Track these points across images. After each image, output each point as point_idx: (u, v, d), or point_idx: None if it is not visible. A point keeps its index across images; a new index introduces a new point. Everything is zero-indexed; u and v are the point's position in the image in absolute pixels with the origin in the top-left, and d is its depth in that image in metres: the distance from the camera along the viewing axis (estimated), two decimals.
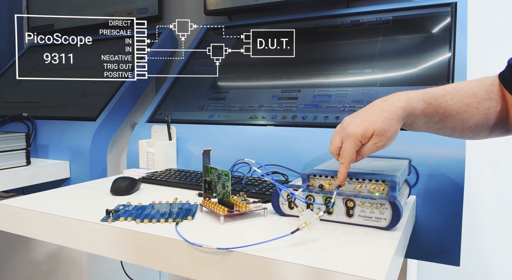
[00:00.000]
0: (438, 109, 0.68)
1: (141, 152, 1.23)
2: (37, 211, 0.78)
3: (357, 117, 0.66)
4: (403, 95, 0.67)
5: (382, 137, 0.63)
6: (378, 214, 0.67)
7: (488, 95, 0.70)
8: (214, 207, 0.74)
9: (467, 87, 0.71)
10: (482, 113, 0.70)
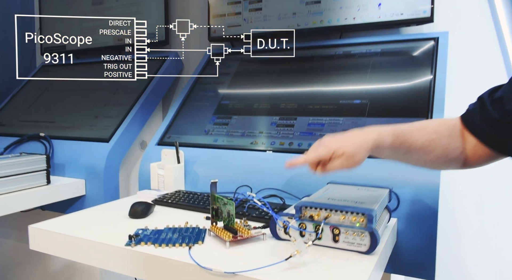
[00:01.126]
0: (404, 143, 0.80)
1: (152, 174, 1.36)
2: (70, 235, 0.91)
3: (335, 139, 0.79)
4: (377, 129, 0.79)
5: (350, 160, 0.75)
6: (359, 240, 0.80)
7: (449, 133, 0.82)
8: (221, 233, 0.87)
9: (431, 126, 0.83)
10: (443, 149, 0.81)
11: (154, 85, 1.79)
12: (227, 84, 1.62)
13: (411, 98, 1.24)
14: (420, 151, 0.80)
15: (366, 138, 0.76)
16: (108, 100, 1.84)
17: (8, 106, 2.13)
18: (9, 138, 1.84)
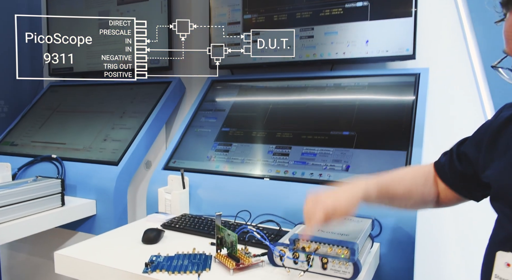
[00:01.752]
0: (387, 194, 0.94)
1: (160, 198, 1.49)
2: (93, 262, 1.04)
3: (327, 194, 0.90)
4: (363, 185, 0.91)
5: (342, 213, 0.87)
6: (344, 268, 0.93)
7: (424, 181, 0.97)
8: (225, 260, 1.00)
9: (409, 176, 0.97)
10: (420, 195, 0.96)
11: (159, 110, 1.92)
12: (227, 111, 1.76)
13: (393, 131, 1.38)
14: (401, 199, 0.95)
15: (356, 195, 0.88)
16: (115, 123, 1.97)
17: (19, 126, 2.25)
18: (22, 158, 1.96)
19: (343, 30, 1.63)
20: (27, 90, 2.53)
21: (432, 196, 0.97)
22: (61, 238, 1.87)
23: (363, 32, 1.60)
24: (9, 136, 2.21)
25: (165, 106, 1.97)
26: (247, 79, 1.87)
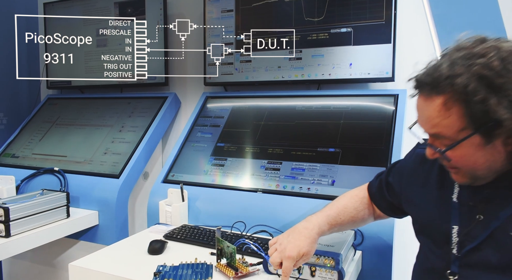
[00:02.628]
0: (335, 225, 1.07)
1: (161, 210, 1.61)
2: (105, 272, 1.16)
3: (290, 241, 0.97)
4: (316, 223, 1.01)
5: (308, 255, 0.97)
6: (330, 275, 1.07)
7: (363, 206, 1.13)
8: (225, 269, 1.13)
9: (350, 204, 1.11)
10: (361, 218, 1.12)
11: (156, 124, 2.04)
12: (221, 127, 1.88)
13: (374, 149, 1.53)
14: (347, 225, 1.11)
15: (313, 236, 0.99)
16: (114, 137, 2.07)
17: (19, 138, 2.33)
18: (23, 170, 2.06)
19: (329, 53, 1.77)
20: (25, 102, 2.61)
21: (371, 215, 1.15)
22: (63, 246, 1.97)
23: (347, 55, 1.74)
24: (9, 148, 2.29)
25: (162, 120, 2.09)
26: (240, 96, 2.00)
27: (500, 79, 0.68)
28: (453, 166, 0.80)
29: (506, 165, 0.76)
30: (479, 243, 0.78)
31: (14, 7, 2.53)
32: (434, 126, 0.76)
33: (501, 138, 0.72)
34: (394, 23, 1.66)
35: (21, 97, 2.59)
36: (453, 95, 0.71)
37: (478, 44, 0.73)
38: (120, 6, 2.26)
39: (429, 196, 0.91)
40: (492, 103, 0.68)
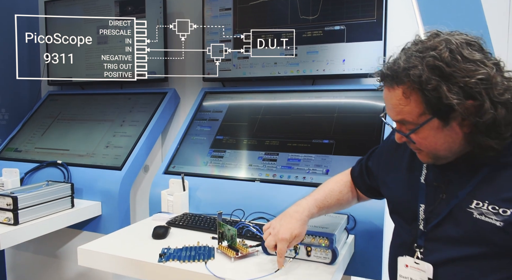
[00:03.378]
0: (323, 208, 1.15)
1: (163, 199, 1.68)
2: (113, 254, 1.23)
3: (282, 225, 1.05)
4: (306, 206, 1.10)
5: (300, 236, 1.05)
6: (324, 255, 1.15)
7: (348, 189, 1.21)
8: (226, 251, 1.21)
9: (336, 187, 1.20)
10: (346, 201, 1.21)
11: (157, 118, 2.11)
12: (220, 121, 1.96)
13: (366, 140, 1.61)
14: (334, 207, 1.19)
15: (302, 216, 1.07)
16: (116, 131, 2.14)
17: (21, 133, 2.39)
18: (27, 163, 2.11)
19: (323, 50, 1.86)
20: (27, 98, 2.66)
21: (354, 198, 1.24)
22: (66, 237, 2.03)
23: (340, 52, 1.83)
24: (12, 142, 2.34)
25: (162, 115, 2.15)
26: (237, 91, 2.08)
27: (450, 68, 0.77)
28: (417, 148, 0.89)
29: (464, 146, 0.84)
30: (441, 219, 0.87)
31: (15, 5, 2.58)
32: (398, 113, 0.86)
33: (457, 121, 0.81)
34: (385, 22, 1.75)
35: (23, 93, 2.65)
36: (410, 85, 0.80)
37: (432, 38, 0.82)
38: (120, 5, 2.33)
39: (401, 179, 1.00)
40: (444, 90, 0.76)
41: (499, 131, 0.79)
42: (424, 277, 0.87)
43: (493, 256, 0.81)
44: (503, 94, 0.78)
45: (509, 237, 0.79)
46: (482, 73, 0.76)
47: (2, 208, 1.53)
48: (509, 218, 0.79)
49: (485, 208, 0.81)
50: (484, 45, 0.83)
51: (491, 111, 0.77)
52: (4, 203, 1.53)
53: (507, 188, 0.81)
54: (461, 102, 0.77)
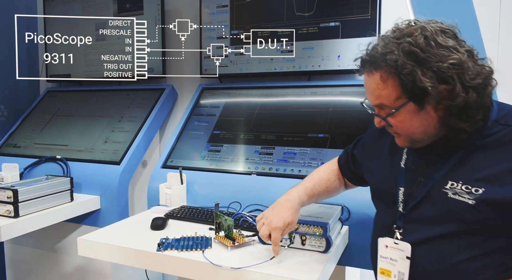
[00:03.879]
0: (313, 196, 1.18)
1: (161, 193, 1.70)
2: (113, 244, 1.26)
3: (274, 214, 1.08)
4: (296, 195, 1.13)
5: (293, 224, 1.08)
6: (319, 243, 1.19)
7: (335, 177, 1.25)
8: (223, 240, 1.24)
9: (324, 176, 1.23)
10: (334, 188, 1.24)
11: (155, 114, 2.13)
12: (217, 116, 1.99)
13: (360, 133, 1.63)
14: (323, 195, 1.23)
15: (294, 204, 1.10)
16: (114, 126, 2.16)
17: (20, 129, 2.41)
18: (26, 159, 2.14)
19: (319, 46, 1.89)
20: (25, 95, 2.68)
21: (342, 185, 1.27)
22: (65, 231, 2.06)
23: (335, 48, 1.86)
24: (11, 138, 2.36)
25: (160, 111, 2.18)
26: (234, 87, 2.11)
27: (424, 54, 0.81)
28: (395, 132, 0.93)
29: (439, 129, 0.88)
30: (419, 201, 0.91)
31: (14, 2, 2.60)
32: (377, 98, 0.90)
33: (431, 105, 0.85)
34: (379, 18, 1.78)
35: (21, 89, 2.66)
36: (387, 69, 0.84)
37: (409, 26, 0.86)
38: (118, 2, 2.35)
39: (383, 164, 1.05)
40: (419, 74, 0.80)
41: (471, 114, 0.83)
42: (403, 256, 0.91)
43: (466, 234, 0.85)
44: (474, 79, 0.82)
45: (480, 214, 0.83)
46: (454, 58, 0.80)
47: (2, 201, 1.56)
48: (480, 197, 0.83)
49: (459, 188, 0.85)
50: (459, 34, 0.87)
51: (463, 95, 0.81)
52: (5, 196, 1.55)
53: (479, 169, 0.85)
54: (435, 86, 0.81)
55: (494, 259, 0.84)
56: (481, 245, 0.84)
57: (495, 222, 0.83)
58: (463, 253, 0.85)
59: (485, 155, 0.86)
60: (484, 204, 0.82)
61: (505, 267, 0.84)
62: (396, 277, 0.92)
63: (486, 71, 0.84)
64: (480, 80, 0.82)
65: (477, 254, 0.84)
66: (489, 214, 0.82)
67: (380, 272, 0.95)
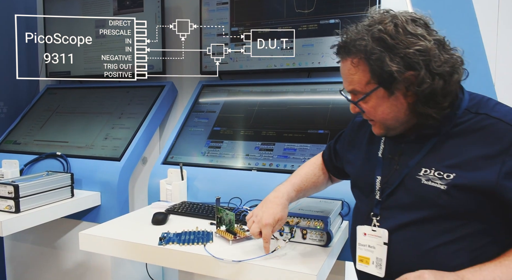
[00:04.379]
0: (301, 191, 1.20)
1: (162, 188, 1.71)
2: (112, 238, 1.26)
3: (264, 211, 1.08)
4: (284, 191, 1.14)
5: (282, 220, 1.08)
6: (320, 237, 1.20)
7: (321, 172, 1.26)
8: (225, 234, 1.25)
9: (310, 171, 1.25)
10: (321, 183, 1.26)
11: (155, 111, 2.14)
12: (217, 113, 1.99)
13: None
14: (311, 190, 1.25)
15: (282, 201, 1.11)
16: (114, 123, 2.17)
17: (20, 126, 2.41)
18: (26, 155, 2.14)
19: (318, 43, 1.90)
20: (25, 91, 2.68)
21: (327, 179, 1.28)
22: (65, 228, 2.06)
23: None
24: (11, 135, 2.36)
25: (160, 107, 2.19)
26: (234, 84, 2.11)
27: (393, 40, 0.84)
28: (370, 118, 0.96)
29: (409, 116, 0.91)
30: (394, 188, 0.93)
31: (14, 2, 2.59)
32: (350, 83, 0.92)
33: (401, 91, 0.87)
34: None
35: (21, 87, 2.66)
36: (358, 55, 0.87)
37: (381, 14, 0.89)
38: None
39: (362, 155, 1.07)
40: (386, 59, 0.83)
41: (437, 101, 0.86)
42: (380, 242, 0.93)
43: (440, 219, 0.87)
44: (441, 66, 0.84)
45: (451, 199, 0.85)
46: (421, 44, 0.83)
47: (3, 196, 1.56)
48: (451, 182, 0.85)
49: (432, 174, 0.88)
50: (432, 25, 0.90)
51: (429, 81, 0.83)
52: (6, 191, 1.56)
53: (451, 155, 0.87)
54: (402, 71, 0.84)
55: (468, 244, 0.86)
56: (455, 230, 0.87)
57: (467, 207, 0.85)
58: (438, 239, 0.87)
59: (456, 142, 0.88)
60: (455, 189, 0.85)
61: (479, 252, 0.86)
62: (374, 264, 0.94)
63: (454, 59, 0.87)
64: (447, 68, 0.85)
65: (451, 239, 0.87)
66: (460, 199, 0.85)
67: (359, 260, 0.97)
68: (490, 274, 0.79)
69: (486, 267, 0.81)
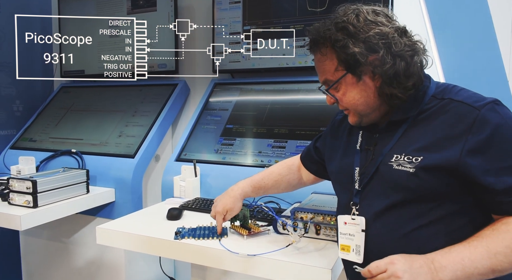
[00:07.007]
0: (260, 187, 1.26)
1: (176, 185, 1.73)
2: (128, 233, 1.29)
3: (219, 200, 1.25)
4: (241, 186, 1.25)
5: (232, 210, 1.22)
6: (333, 233, 1.20)
7: (288, 172, 1.28)
8: (239, 229, 1.26)
9: (276, 170, 1.28)
10: (286, 182, 1.28)
11: (168, 109, 2.16)
12: (230, 111, 2.01)
13: None
14: (272, 188, 1.29)
15: (236, 194, 1.24)
16: (128, 121, 2.20)
17: (35, 123, 2.45)
18: (41, 152, 2.18)
19: None
20: (40, 90, 2.73)
21: (296, 180, 1.30)
22: (80, 223, 2.09)
23: None
24: (26, 132, 2.41)
25: (173, 105, 2.21)
26: (246, 82, 2.13)
27: (355, 28, 0.90)
28: (343, 107, 0.98)
29: (379, 100, 0.94)
30: (370, 177, 0.96)
31: (29, 4, 2.64)
32: (322, 74, 0.97)
33: (368, 75, 0.91)
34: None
35: (36, 85, 2.71)
36: (325, 44, 0.92)
37: (346, 9, 0.94)
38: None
39: (342, 151, 1.10)
40: (350, 44, 0.89)
41: (401, 81, 0.90)
42: (359, 230, 0.95)
43: (412, 202, 0.90)
44: (402, 49, 0.89)
45: (420, 181, 0.87)
46: (379, 29, 0.90)
47: (22, 191, 1.60)
48: (419, 164, 0.88)
49: (402, 159, 0.91)
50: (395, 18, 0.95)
51: (390, 61, 0.88)
52: (24, 186, 1.59)
53: (419, 140, 0.91)
54: (364, 54, 0.89)
55: (444, 227, 0.88)
56: (428, 213, 0.88)
57: (436, 188, 0.87)
58: (412, 223, 0.89)
59: (423, 126, 0.92)
60: (423, 170, 0.87)
61: (456, 234, 0.87)
62: (354, 251, 0.96)
63: (415, 44, 0.92)
64: (408, 51, 0.90)
65: (425, 223, 0.88)
66: (428, 180, 0.87)
67: (341, 249, 0.99)
68: (458, 255, 0.81)
69: (456, 248, 0.83)
